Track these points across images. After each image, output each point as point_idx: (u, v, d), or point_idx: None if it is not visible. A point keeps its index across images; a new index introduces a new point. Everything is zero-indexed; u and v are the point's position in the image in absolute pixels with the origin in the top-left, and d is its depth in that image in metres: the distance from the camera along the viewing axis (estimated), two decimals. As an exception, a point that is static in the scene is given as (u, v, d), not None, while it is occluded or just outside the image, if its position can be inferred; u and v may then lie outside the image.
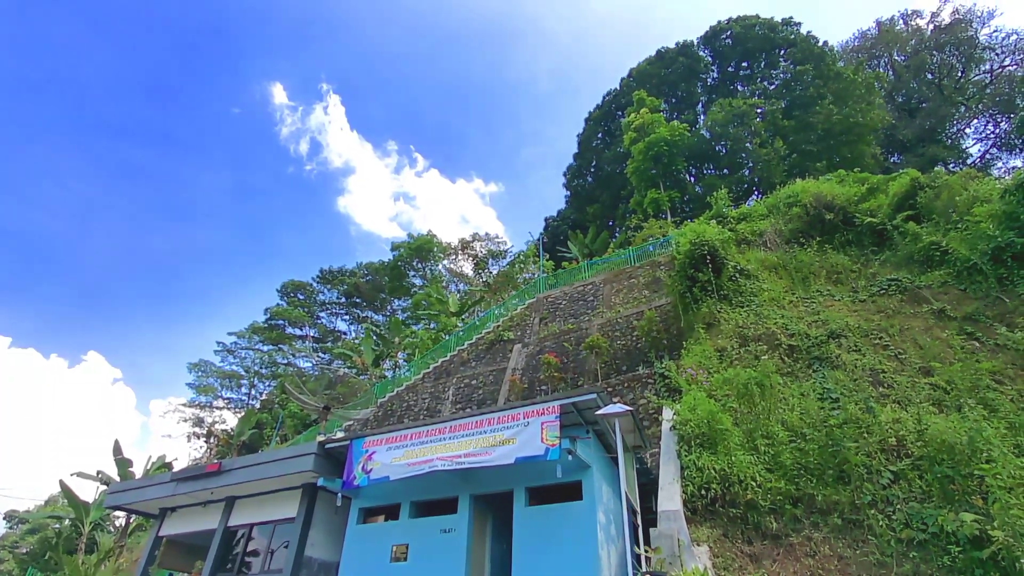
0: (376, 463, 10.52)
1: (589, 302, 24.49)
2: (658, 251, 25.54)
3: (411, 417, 22.87)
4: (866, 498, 9.36)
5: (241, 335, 55.53)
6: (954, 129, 48.65)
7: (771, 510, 9.77)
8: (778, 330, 15.12)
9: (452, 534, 10.07)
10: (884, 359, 13.01)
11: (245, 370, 54.71)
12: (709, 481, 10.12)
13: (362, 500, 11.28)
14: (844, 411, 11.01)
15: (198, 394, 52.22)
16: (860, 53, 52.05)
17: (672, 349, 17.68)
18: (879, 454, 9.99)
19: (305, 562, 11.18)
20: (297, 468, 11.31)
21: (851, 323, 14.66)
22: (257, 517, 12.46)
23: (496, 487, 10.27)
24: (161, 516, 14.01)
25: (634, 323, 20.22)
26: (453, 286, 54.04)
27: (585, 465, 9.45)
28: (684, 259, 18.17)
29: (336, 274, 60.38)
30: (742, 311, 16.72)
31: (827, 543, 9.07)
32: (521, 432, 9.44)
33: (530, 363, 21.65)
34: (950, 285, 15.19)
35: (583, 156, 55.23)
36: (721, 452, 10.59)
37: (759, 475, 10.13)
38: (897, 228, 18.22)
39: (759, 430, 11.13)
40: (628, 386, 16.96)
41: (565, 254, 40.69)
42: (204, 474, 12.45)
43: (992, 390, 10.88)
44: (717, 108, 40.75)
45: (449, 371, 24.73)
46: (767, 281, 18.34)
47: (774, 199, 24.97)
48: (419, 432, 10.52)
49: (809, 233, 20.38)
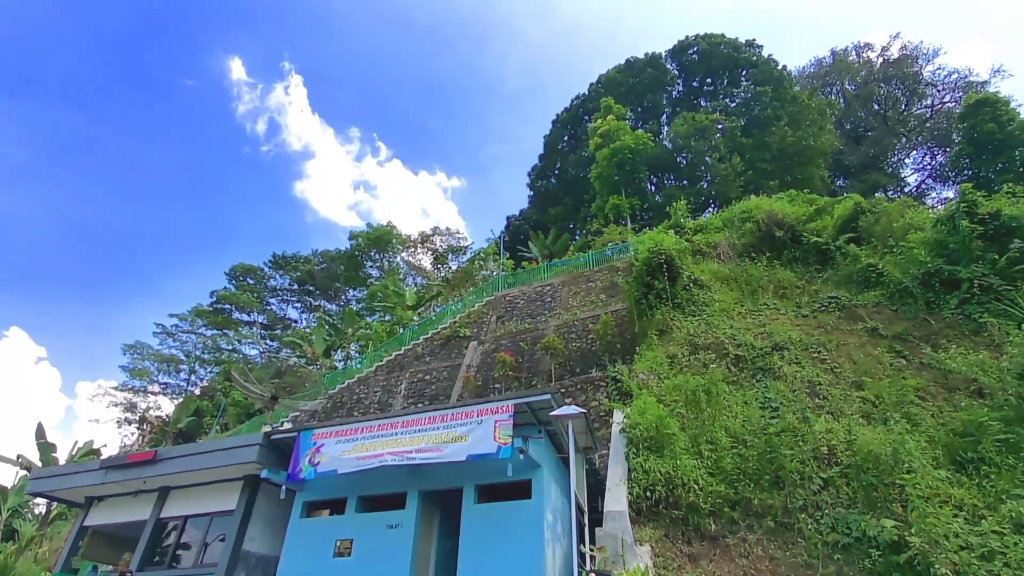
0: (324, 456, 10.31)
1: (547, 303, 24.72)
2: (617, 257, 26.01)
3: (361, 410, 22.49)
4: (798, 503, 9.88)
5: (183, 318, 53.08)
6: (895, 158, 51.85)
7: (711, 512, 10.18)
8: (727, 340, 15.71)
9: (399, 530, 9.97)
10: (821, 372, 13.74)
11: (186, 355, 52.35)
12: (654, 483, 10.44)
13: (307, 493, 11.02)
14: (783, 420, 11.58)
15: (132, 378, 49.59)
16: (815, 79, 54.64)
17: (625, 353, 18.08)
18: (812, 461, 10.55)
19: (243, 556, 10.82)
20: (240, 459, 10.94)
21: (794, 336, 15.40)
22: (193, 509, 11.97)
23: (446, 484, 10.24)
24: (87, 505, 13.25)
25: (590, 326, 20.55)
26: (411, 279, 53.42)
27: (536, 464, 9.55)
28: (641, 266, 18.62)
29: (289, 260, 58.58)
30: (694, 320, 17.28)
31: (760, 544, 9.52)
32: (474, 430, 9.45)
33: (485, 361, 21.67)
34: (883, 305, 16.19)
35: (548, 157, 55.63)
36: (667, 456, 10.94)
37: (701, 479, 10.52)
38: (840, 249, 19.26)
39: (704, 435, 11.54)
40: (581, 388, 17.23)
41: (525, 254, 40.91)
42: (137, 462, 11.86)
43: (915, 405, 11.68)
44: (680, 121, 41.91)
45: (403, 365, 24.45)
46: (719, 292, 19.02)
47: (729, 213, 25.92)
48: (371, 426, 10.37)
49: (760, 248, 21.27)
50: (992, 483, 9.15)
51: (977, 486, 9.27)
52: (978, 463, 9.66)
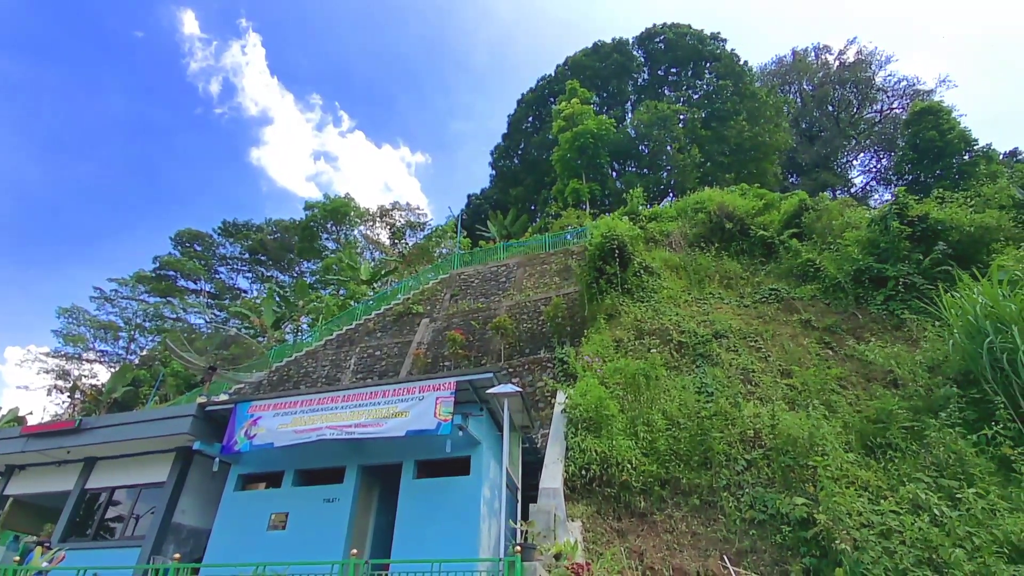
0: (261, 428, 10.16)
1: (501, 283, 24.82)
2: (573, 240, 26.31)
3: (308, 384, 22.15)
4: (722, 482, 10.43)
5: (124, 283, 50.52)
6: (844, 159, 54.13)
7: (642, 491, 10.62)
8: (671, 326, 16.23)
9: (336, 504, 10.00)
10: (755, 360, 14.42)
11: (125, 322, 49.97)
12: (590, 462, 10.79)
13: (242, 466, 10.88)
14: (716, 404, 12.13)
15: (65, 344, 47.04)
16: (775, 77, 56.11)
17: (574, 336, 18.41)
18: (739, 444, 11.13)
19: (173, 528, 10.63)
20: (172, 430, 10.68)
21: (734, 325, 16.06)
22: (121, 480, 11.64)
23: (385, 459, 10.31)
24: (7, 473, 12.66)
25: (541, 308, 20.79)
26: (368, 253, 52.48)
27: (475, 441, 9.72)
28: (595, 251, 18.91)
29: (241, 228, 56.43)
30: (642, 306, 17.74)
31: (685, 521, 10.03)
32: (415, 405, 9.51)
33: (436, 338, 21.65)
34: (818, 299, 17.05)
35: (512, 137, 55.28)
36: (604, 436, 11.30)
37: (636, 459, 10.94)
38: (783, 243, 20.08)
39: (641, 418, 11.97)
40: (528, 368, 17.49)
41: (484, 233, 40.79)
42: (60, 431, 11.38)
43: (836, 393, 12.44)
44: (644, 109, 42.36)
45: (353, 340, 24.15)
46: (668, 280, 19.56)
47: (684, 203, 26.54)
48: (310, 400, 10.29)
49: (710, 239, 21.93)
50: (896, 467, 9.89)
51: (883, 469, 10.00)
52: (885, 448, 10.40)
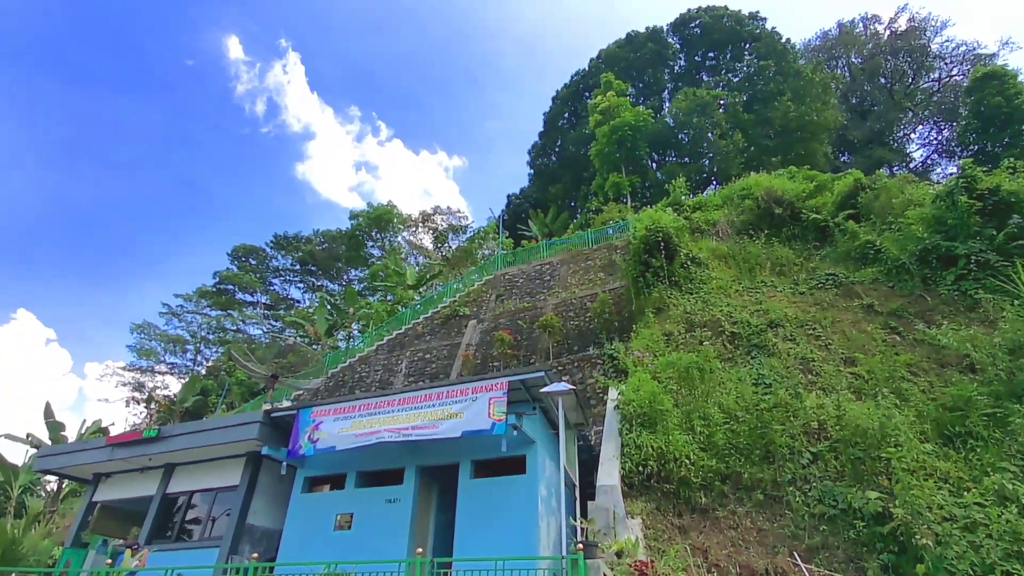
0: (323, 433, 10.55)
1: (546, 281, 24.81)
2: (616, 235, 26.00)
3: (363, 389, 22.79)
4: (787, 476, 10.09)
5: (188, 298, 53.39)
6: (901, 133, 51.18)
7: (702, 486, 10.40)
8: (723, 317, 15.81)
9: (397, 504, 10.27)
10: (815, 349, 13.86)
11: (191, 335, 52.80)
12: (647, 458, 10.65)
13: (307, 469, 11.32)
14: (775, 396, 11.75)
15: (139, 358, 50.12)
16: (820, 52, 53.63)
17: (623, 331, 18.21)
18: (802, 436, 10.74)
19: (247, 529, 11.17)
20: (241, 436, 11.21)
21: (789, 314, 15.49)
22: (198, 484, 12.32)
23: (442, 459, 10.50)
24: (95, 481, 13.62)
25: (588, 304, 20.65)
26: (412, 259, 53.46)
27: (530, 440, 9.77)
28: (639, 244, 18.64)
29: (291, 240, 58.61)
30: (691, 298, 17.36)
31: (749, 516, 9.76)
32: (469, 406, 9.65)
33: (484, 339, 21.86)
34: (880, 282, 16.22)
35: (548, 135, 55.11)
36: (660, 431, 11.13)
37: (693, 454, 10.73)
38: (838, 226, 19.20)
39: (697, 412, 11.73)
40: (578, 366, 17.41)
41: (525, 232, 40.85)
42: (142, 440, 12.16)
43: (906, 381, 11.81)
44: (682, 97, 41.36)
45: (403, 344, 24.69)
46: (716, 270, 19.06)
47: (729, 190, 25.78)
48: (368, 403, 10.59)
49: (758, 225, 21.21)
50: (978, 456, 9.31)
51: (964, 459, 9.44)
52: (965, 437, 9.82)
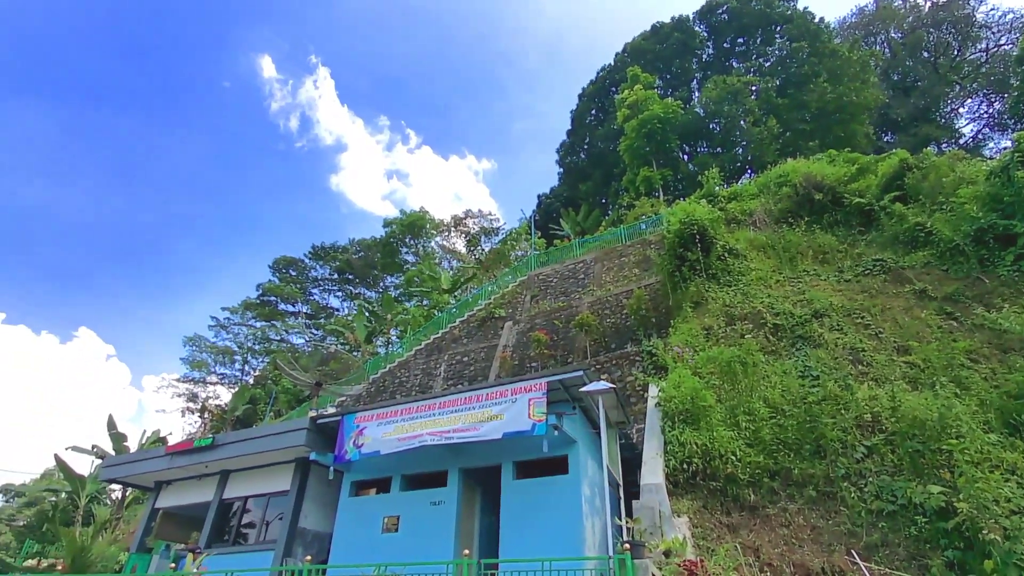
0: (367, 438, 10.78)
1: (580, 280, 24.67)
2: (649, 230, 25.64)
3: (403, 393, 23.16)
4: (840, 471, 9.73)
5: (234, 311, 55.44)
6: (948, 108, 48.62)
7: (749, 483, 10.15)
8: (764, 309, 15.39)
9: (442, 506, 10.39)
10: (864, 338, 13.33)
11: (238, 346, 54.77)
12: (691, 456, 10.46)
13: (354, 473, 11.57)
14: (823, 388, 11.36)
15: (192, 369, 52.32)
16: (857, 30, 51.53)
17: (660, 327, 17.95)
18: (854, 429, 10.34)
19: (299, 533, 11.51)
20: (290, 443, 11.56)
21: (835, 302, 14.94)
22: (252, 490, 12.76)
23: (484, 461, 10.57)
24: (157, 489, 14.28)
25: (624, 301, 20.43)
26: (445, 263, 54.01)
27: (571, 440, 9.74)
28: (674, 238, 18.33)
29: (328, 250, 60.07)
30: (729, 290, 16.96)
31: (801, 514, 9.46)
32: (509, 408, 9.68)
33: (521, 340, 21.90)
34: (933, 266, 15.46)
35: (576, 133, 54.77)
36: (703, 428, 10.92)
37: (739, 450, 10.48)
38: (884, 209, 18.40)
39: (741, 407, 11.45)
40: (616, 363, 17.26)
41: (557, 232, 40.71)
42: (198, 448, 12.68)
43: (966, 368, 11.21)
44: (711, 85, 40.44)
45: (441, 348, 24.97)
46: (755, 261, 18.56)
47: (765, 179, 25.05)
48: (409, 408, 10.76)
49: (798, 213, 20.55)
50: (1049, 446, 8.79)
51: (1032, 450, 8.92)
52: (1034, 426, 9.28)
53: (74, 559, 13.51)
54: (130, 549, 14.34)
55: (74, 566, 13.54)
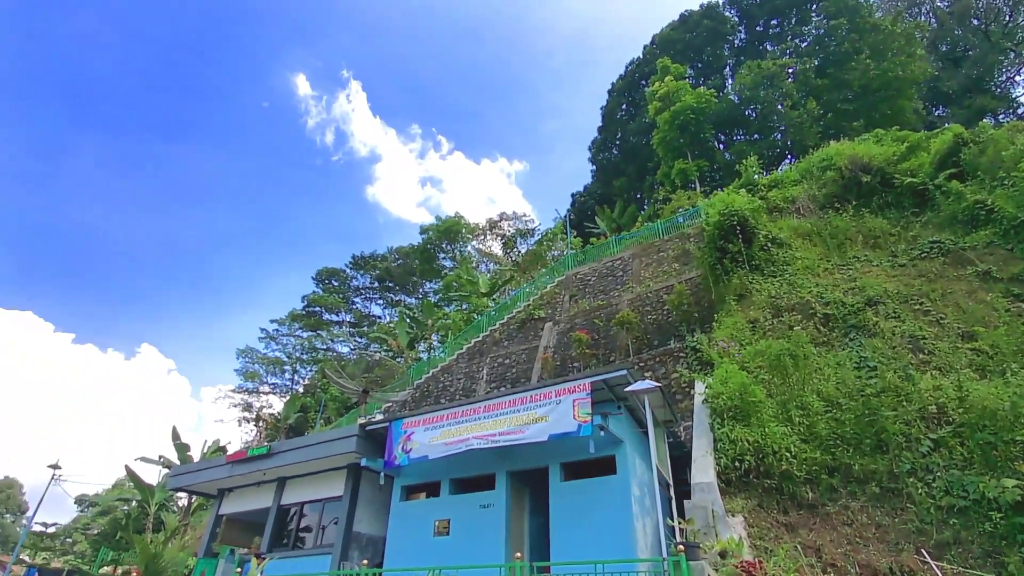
0: (415, 443, 10.97)
1: (619, 277, 24.41)
2: (687, 223, 25.13)
3: (447, 397, 23.45)
4: (905, 466, 9.30)
5: (282, 322, 57.37)
6: (1003, 78, 45.62)
7: (807, 480, 9.81)
8: (813, 299, 14.86)
9: (491, 509, 10.47)
10: (924, 325, 12.69)
11: (287, 356, 56.63)
12: (743, 453, 10.19)
13: (404, 478, 11.80)
14: (882, 379, 10.87)
15: (245, 380, 54.43)
16: (899, 2, 49.05)
17: (704, 322, 17.57)
18: (918, 422, 9.86)
19: (354, 537, 11.82)
20: (341, 449, 11.89)
21: (890, 289, 14.29)
22: (307, 496, 13.18)
23: (531, 463, 10.59)
24: (220, 496, 14.92)
25: (664, 297, 20.10)
26: (483, 266, 54.36)
27: (618, 440, 9.65)
28: (713, 230, 17.92)
29: (368, 259, 61.43)
30: (775, 281, 16.45)
31: (865, 512, 9.08)
32: (553, 410, 9.68)
33: (561, 340, 21.84)
34: (996, 245, 14.59)
35: (608, 129, 54.22)
36: (754, 424, 10.62)
37: (794, 446, 10.15)
38: (939, 188, 17.47)
39: (793, 401, 11.09)
40: (660, 361, 16.99)
41: (593, 230, 40.38)
42: (255, 457, 13.19)
43: (1040, 353, 10.53)
44: (745, 71, 39.28)
45: (482, 351, 25.15)
46: (800, 249, 17.93)
47: (807, 163, 24.18)
48: (454, 412, 10.89)
49: (845, 197, 19.75)
50: None
51: (1120, 438, 8.30)
52: (1121, 413, 8.62)
53: (147, 565, 14.26)
54: (198, 554, 15.03)
55: (147, 572, 14.29)
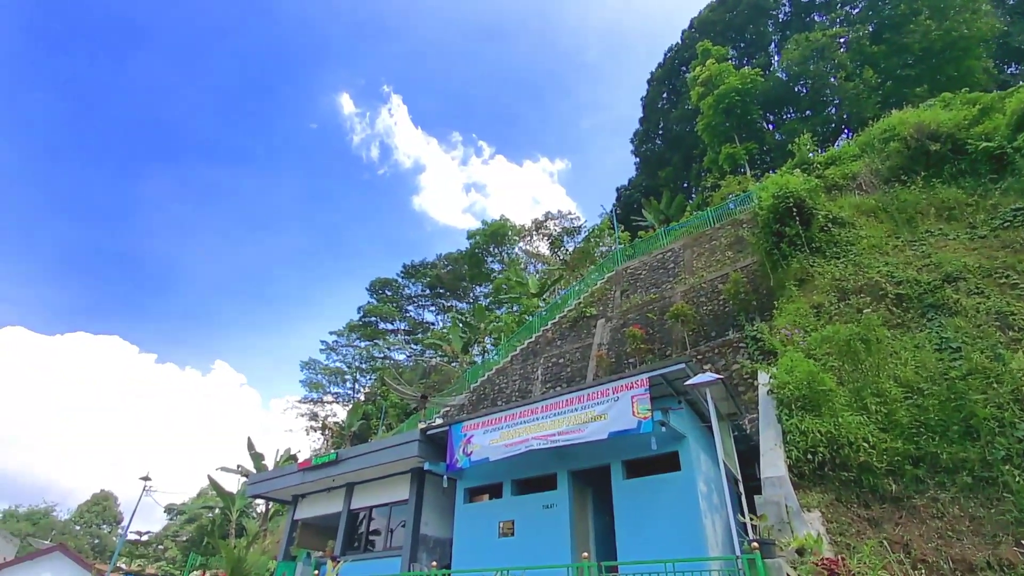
0: (475, 445, 11.10)
1: (670, 270, 23.85)
2: (739, 209, 24.25)
3: (503, 400, 23.60)
4: (999, 453, 8.60)
5: (340, 333, 59.49)
6: (1089, 23, 41.45)
7: (888, 471, 9.24)
8: (882, 279, 14.00)
9: (554, 509, 10.45)
10: (1012, 300, 11.70)
11: (347, 366, 58.66)
12: (815, 445, 9.71)
13: (466, 480, 11.96)
14: (968, 361, 10.11)
15: (310, 391, 56.76)
16: (961, -46, 45.49)
17: (763, 310, 16.91)
18: (1012, 405, 9.10)
19: (422, 539, 12.08)
20: (404, 454, 12.18)
21: (970, 263, 13.27)
22: (374, 500, 13.59)
23: (592, 462, 10.50)
24: (294, 502, 15.61)
25: (719, 287, 19.48)
26: (531, 267, 54.42)
27: (680, 435, 9.43)
28: (767, 214, 17.21)
29: (418, 268, 62.77)
30: (838, 263, 15.62)
31: (956, 503, 8.46)
32: (612, 407, 9.56)
33: (615, 337, 21.55)
34: (1092, 208, 13.28)
35: (649, 119, 53.14)
36: (826, 414, 10.11)
37: (872, 435, 9.58)
38: (1019, 150, 16.06)
39: (868, 388, 10.48)
40: (719, 352, 16.47)
41: (641, 223, 39.63)
42: (323, 464, 13.72)
43: None
44: (792, 46, 37.52)
45: (536, 351, 25.16)
46: (865, 228, 16.93)
47: (867, 136, 22.82)
48: (512, 414, 10.94)
49: (912, 169, 18.50)
50: None
51: None
52: None
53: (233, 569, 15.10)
54: (277, 558, 15.78)
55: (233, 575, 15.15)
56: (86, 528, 69.25)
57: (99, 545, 67.19)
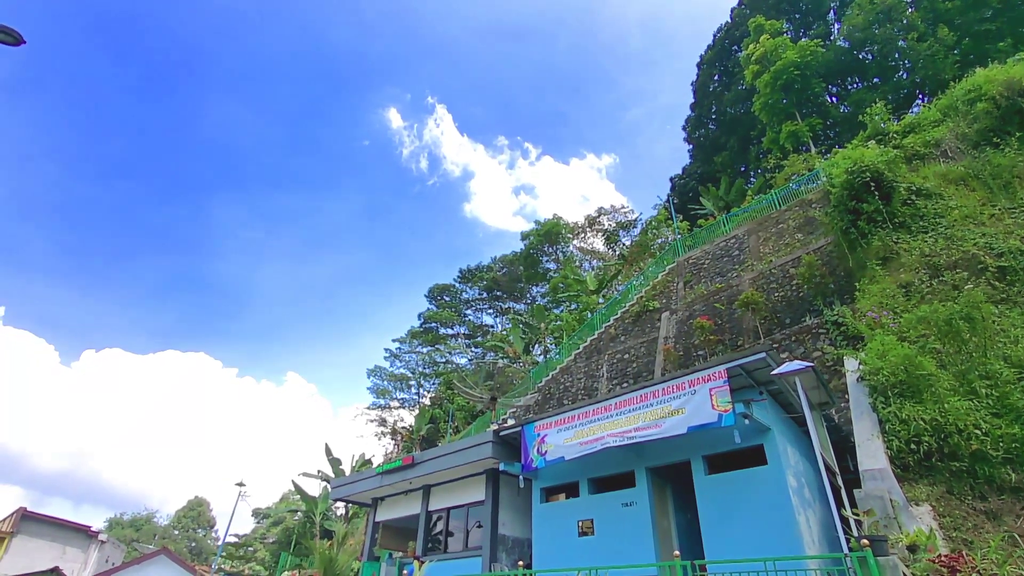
0: (549, 445, 11.05)
1: (735, 257, 22.92)
2: (806, 188, 23.01)
3: (569, 398, 23.43)
4: None
5: (403, 340, 61.08)
6: None
7: (1006, 460, 8.44)
8: (980, 251, 12.85)
9: (634, 507, 10.23)
10: None
11: (411, 372, 60.11)
12: (918, 433, 9.01)
13: (542, 480, 11.92)
14: (1090, 335, 9.09)
15: (377, 397, 58.58)
16: None
17: (842, 293, 15.94)
18: None
19: (500, 539, 12.15)
20: (478, 456, 12.30)
21: (1084, 227, 11.95)
22: (451, 501, 13.80)
23: (671, 458, 10.21)
24: (374, 505, 16.12)
25: (791, 271, 18.53)
26: (587, 264, 53.86)
27: (764, 428, 9.00)
28: (841, 191, 16.19)
29: (474, 272, 63.49)
30: (926, 237, 14.48)
31: (1089, 493, 7.61)
32: (689, 401, 9.26)
33: (681, 330, 20.93)
34: None
35: (701, 104, 51.35)
36: (928, 400, 9.36)
37: (984, 422, 8.79)
38: None
39: (975, 371, 9.63)
40: (796, 339, 15.66)
41: (699, 211, 38.36)
42: (398, 467, 14.08)
43: None
44: (855, 10, 35.22)
45: (599, 349, 24.84)
46: (955, 197, 15.61)
47: (948, 99, 21.06)
48: (585, 412, 10.82)
49: (1004, 130, 16.90)
50: None
51: None
52: None
53: (325, 569, 15.79)
54: (361, 558, 16.34)
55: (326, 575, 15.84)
56: (184, 532, 74.41)
57: (196, 548, 72.05)
